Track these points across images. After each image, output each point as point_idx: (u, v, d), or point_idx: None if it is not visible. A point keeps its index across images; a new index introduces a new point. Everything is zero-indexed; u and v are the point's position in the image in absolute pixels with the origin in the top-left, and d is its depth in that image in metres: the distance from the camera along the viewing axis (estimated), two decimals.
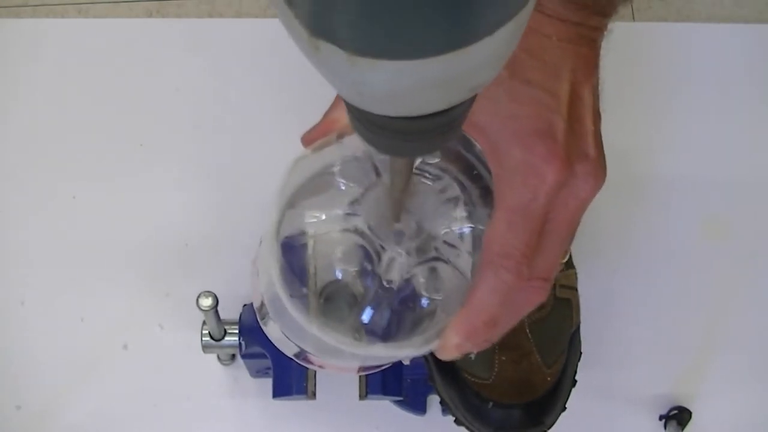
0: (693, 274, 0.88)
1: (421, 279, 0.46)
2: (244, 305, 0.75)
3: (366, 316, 0.46)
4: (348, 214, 0.46)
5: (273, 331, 0.60)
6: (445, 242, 0.46)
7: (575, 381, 0.72)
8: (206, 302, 0.68)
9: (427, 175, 0.47)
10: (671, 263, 0.88)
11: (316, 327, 0.47)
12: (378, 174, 0.47)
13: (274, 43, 0.95)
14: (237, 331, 0.74)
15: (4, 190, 0.89)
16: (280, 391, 0.72)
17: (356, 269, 0.46)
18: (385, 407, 0.82)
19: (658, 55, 0.95)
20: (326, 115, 0.49)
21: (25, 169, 0.90)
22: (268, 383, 0.74)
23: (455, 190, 0.46)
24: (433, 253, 0.46)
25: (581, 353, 0.74)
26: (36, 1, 0.97)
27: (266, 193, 0.85)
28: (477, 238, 0.46)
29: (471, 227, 0.46)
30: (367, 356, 0.50)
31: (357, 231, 0.46)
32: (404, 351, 0.48)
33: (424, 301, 0.46)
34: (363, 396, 0.71)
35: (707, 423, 0.83)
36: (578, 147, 0.42)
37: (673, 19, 0.98)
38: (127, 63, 0.93)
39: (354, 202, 0.47)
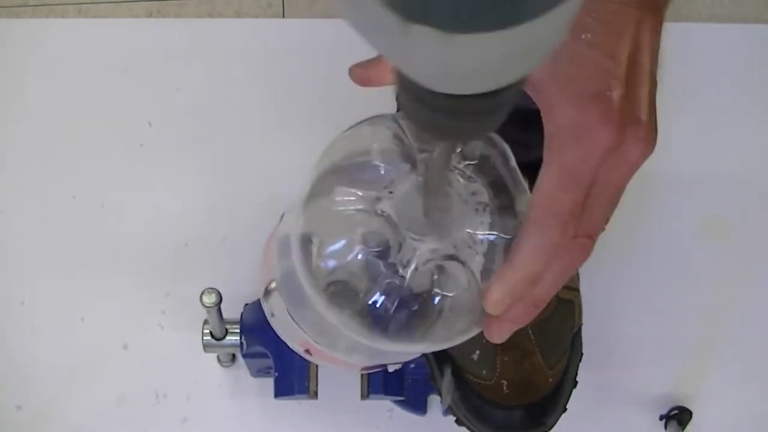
0: (693, 274, 0.88)
1: (435, 275, 0.46)
2: (245, 305, 0.75)
3: (375, 300, 0.46)
4: (378, 198, 0.46)
5: (277, 310, 0.59)
6: (465, 244, 0.46)
7: (576, 382, 0.72)
8: (210, 299, 0.68)
9: (461, 177, 0.47)
10: (671, 263, 0.88)
11: (323, 301, 0.47)
12: (414, 165, 0.47)
13: (273, 43, 0.95)
14: (238, 331, 0.74)
15: (4, 190, 0.89)
16: (282, 390, 0.72)
17: (375, 251, 0.46)
18: (385, 407, 0.82)
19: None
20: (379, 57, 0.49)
21: (25, 169, 0.90)
22: (268, 383, 0.74)
23: (485, 197, 0.47)
24: (452, 251, 0.46)
25: (582, 354, 0.74)
26: (36, 1, 0.97)
27: (266, 193, 0.86)
28: (495, 248, 0.46)
29: (493, 235, 0.46)
30: (370, 348, 0.50)
31: (383, 215, 0.46)
32: (408, 347, 0.48)
33: (435, 298, 0.46)
34: (365, 396, 0.71)
35: (707, 423, 0.83)
36: (632, 112, 0.42)
37: (673, 19, 0.97)
38: (127, 63, 0.93)
39: (386, 187, 0.47)
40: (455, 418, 0.72)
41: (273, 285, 0.59)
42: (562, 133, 0.42)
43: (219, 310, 0.70)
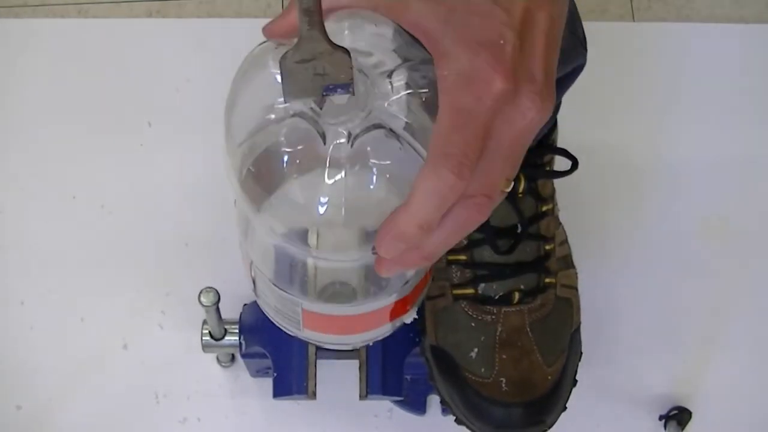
0: (693, 273, 0.88)
1: (367, 148, 0.46)
2: (244, 305, 0.75)
3: (323, 196, 0.47)
4: (285, 101, 0.47)
5: (260, 284, 0.59)
6: (387, 113, 0.47)
7: (576, 381, 0.72)
8: (208, 299, 0.68)
9: (358, 55, 0.48)
10: (672, 263, 0.88)
11: (265, 214, 0.48)
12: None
13: (273, 43, 0.95)
14: (237, 331, 0.74)
15: (4, 190, 0.89)
16: (281, 390, 0.72)
17: (301, 147, 0.47)
18: (385, 407, 0.82)
19: (658, 55, 0.95)
20: (287, 11, 0.49)
21: (25, 169, 0.90)
22: (268, 383, 0.74)
23: (389, 64, 0.47)
24: (375, 122, 0.46)
25: (582, 353, 0.74)
26: (36, 1, 0.97)
27: None
28: (419, 103, 0.47)
29: (409, 92, 0.47)
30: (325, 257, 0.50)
31: (296, 114, 0.47)
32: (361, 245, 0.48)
33: (374, 172, 0.47)
34: (363, 396, 0.71)
35: (707, 423, 0.83)
36: (526, 66, 0.43)
37: (673, 19, 0.98)
38: (127, 63, 0.93)
39: None
40: (455, 418, 0.72)
41: (252, 268, 0.60)
42: (454, 76, 0.42)
43: (217, 310, 0.70)
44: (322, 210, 0.48)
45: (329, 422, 0.83)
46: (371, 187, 0.48)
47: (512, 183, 0.45)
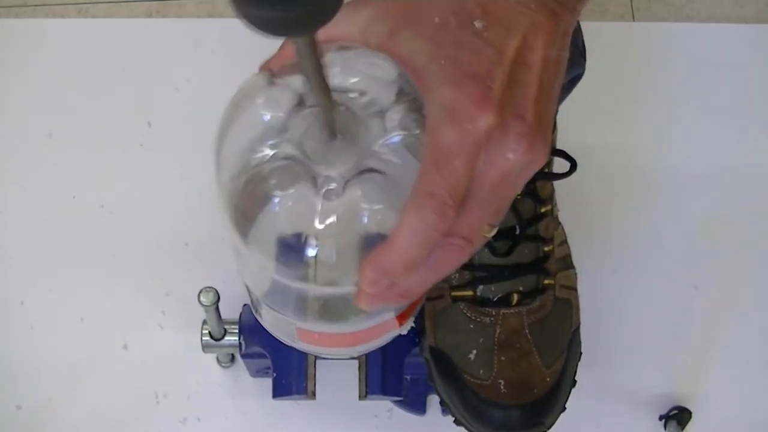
0: (693, 274, 0.88)
1: (358, 192, 0.46)
2: (244, 305, 0.75)
3: (313, 239, 0.46)
4: (275, 144, 0.46)
5: (265, 312, 0.60)
6: (380, 157, 0.46)
7: (575, 381, 0.72)
8: (208, 298, 0.68)
9: (350, 95, 0.47)
10: (671, 263, 0.88)
11: (255, 250, 0.47)
12: (301, 101, 0.47)
13: (273, 43, 0.95)
14: (237, 331, 0.74)
15: (4, 190, 0.89)
16: (280, 391, 0.72)
17: (291, 192, 0.46)
18: (385, 407, 0.82)
19: (658, 55, 0.95)
20: (283, 46, 0.49)
21: (25, 168, 0.90)
22: (268, 383, 0.74)
23: (381, 104, 0.46)
24: (367, 166, 0.46)
25: (581, 353, 0.74)
26: (36, 1, 0.97)
27: None
28: (412, 146, 0.46)
29: (402, 134, 0.46)
30: (324, 294, 0.50)
31: (288, 158, 0.46)
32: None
33: (365, 216, 0.46)
34: (363, 396, 0.71)
35: (707, 423, 0.83)
36: (515, 106, 0.41)
37: (673, 19, 0.98)
38: (127, 63, 0.93)
39: (280, 132, 0.47)
40: (454, 419, 0.72)
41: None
42: (440, 113, 0.41)
43: (217, 309, 0.70)
44: (312, 253, 0.47)
45: (329, 422, 0.83)
46: (363, 230, 0.47)
47: (496, 229, 0.44)
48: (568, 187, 0.90)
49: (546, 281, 0.71)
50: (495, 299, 0.70)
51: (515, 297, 0.70)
